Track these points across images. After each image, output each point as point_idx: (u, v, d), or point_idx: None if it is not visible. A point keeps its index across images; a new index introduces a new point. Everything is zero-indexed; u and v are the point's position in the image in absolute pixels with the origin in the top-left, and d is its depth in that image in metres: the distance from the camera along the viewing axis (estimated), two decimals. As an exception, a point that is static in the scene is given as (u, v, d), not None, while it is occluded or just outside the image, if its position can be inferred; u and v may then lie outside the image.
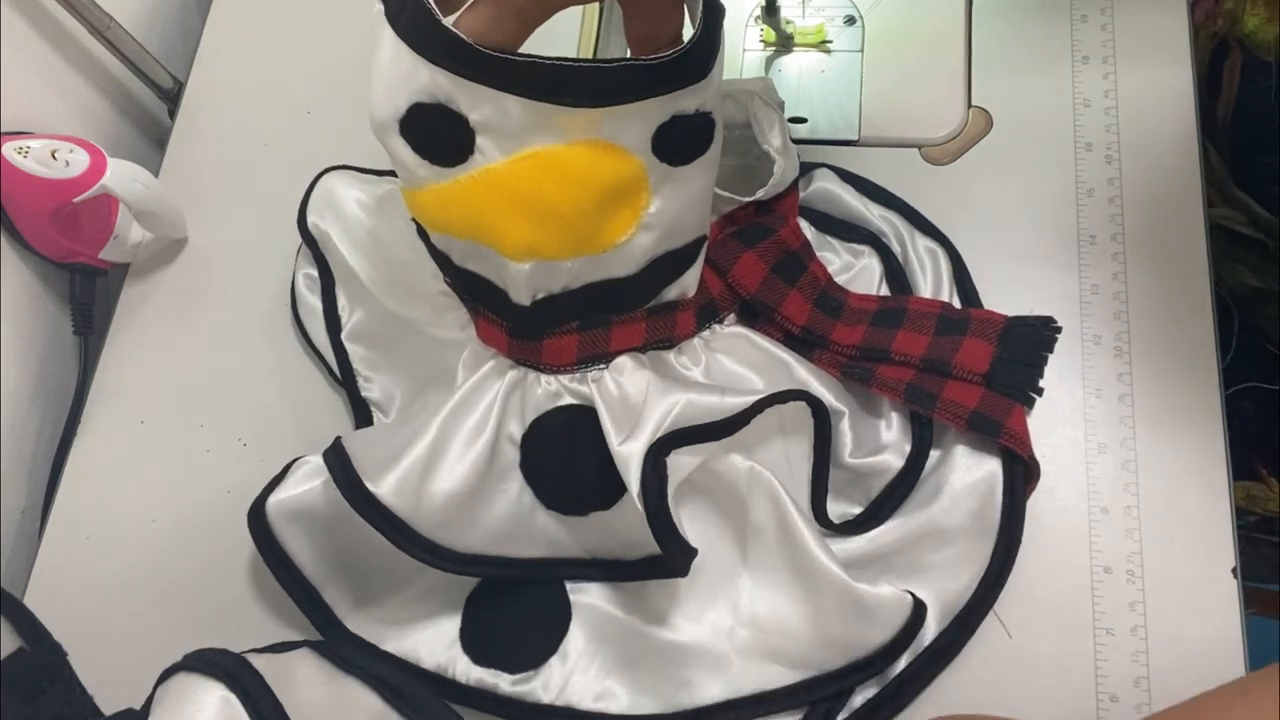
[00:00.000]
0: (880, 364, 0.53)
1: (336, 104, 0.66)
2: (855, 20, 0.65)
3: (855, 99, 0.63)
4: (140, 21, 0.72)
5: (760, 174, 0.55)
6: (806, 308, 0.54)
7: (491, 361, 0.50)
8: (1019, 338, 0.53)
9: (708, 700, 0.49)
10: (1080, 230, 0.58)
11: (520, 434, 0.50)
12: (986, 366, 0.52)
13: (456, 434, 0.49)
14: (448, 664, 0.51)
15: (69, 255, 0.62)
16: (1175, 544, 0.51)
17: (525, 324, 0.48)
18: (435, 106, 0.42)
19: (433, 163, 0.44)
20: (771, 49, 0.66)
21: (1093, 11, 0.63)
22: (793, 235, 0.55)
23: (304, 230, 0.59)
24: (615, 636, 0.52)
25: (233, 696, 0.40)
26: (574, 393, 0.50)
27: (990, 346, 0.52)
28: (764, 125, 0.55)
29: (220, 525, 0.57)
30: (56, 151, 0.58)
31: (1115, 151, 0.59)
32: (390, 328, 0.57)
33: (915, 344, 0.52)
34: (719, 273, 0.53)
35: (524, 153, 0.43)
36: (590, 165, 0.43)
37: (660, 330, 0.50)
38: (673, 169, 0.45)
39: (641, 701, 0.50)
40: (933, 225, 0.59)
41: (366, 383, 0.58)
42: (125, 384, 0.63)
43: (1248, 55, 0.68)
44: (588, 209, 0.44)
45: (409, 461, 0.48)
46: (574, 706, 0.50)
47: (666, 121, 0.43)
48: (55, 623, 0.42)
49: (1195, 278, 0.56)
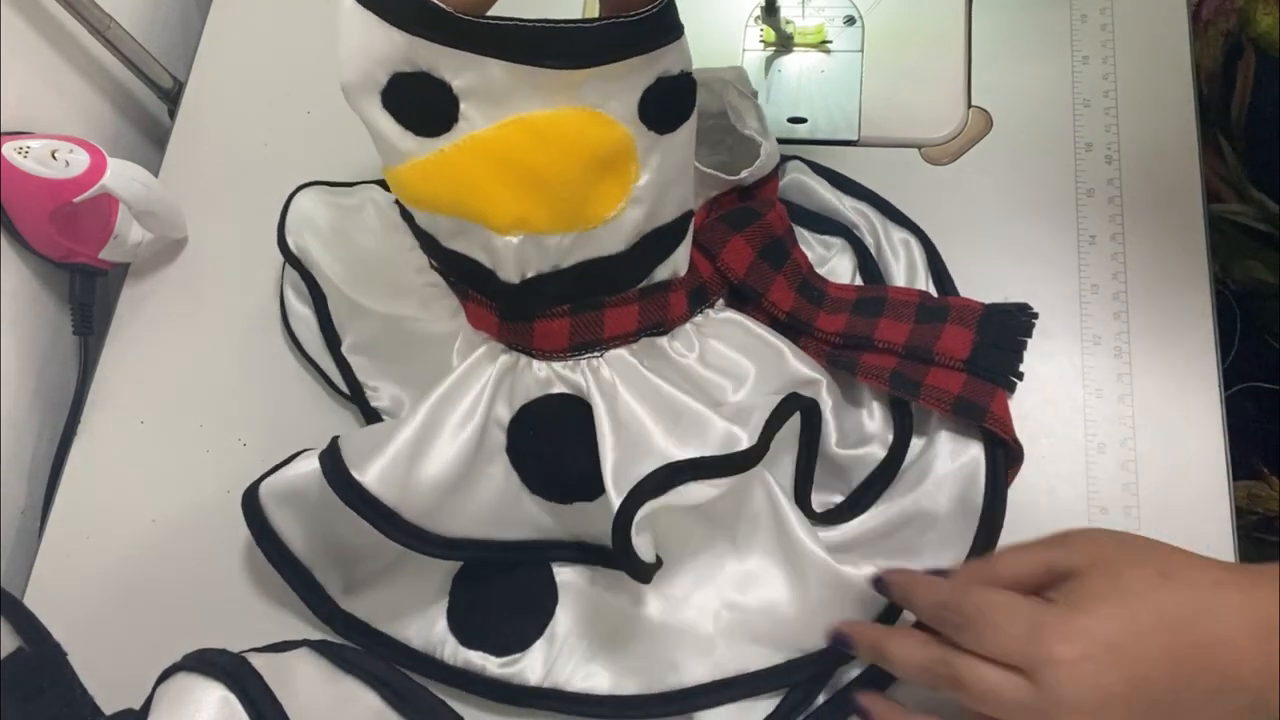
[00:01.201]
0: (864, 351, 0.53)
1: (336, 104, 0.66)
2: (855, 20, 0.65)
3: (855, 99, 0.63)
4: (140, 21, 0.72)
5: (735, 166, 0.56)
6: (791, 294, 0.54)
7: (484, 347, 0.50)
8: (997, 324, 0.53)
9: (693, 681, 0.50)
10: (1080, 230, 0.58)
11: (508, 418, 0.50)
12: (967, 353, 0.52)
13: (446, 420, 0.49)
14: (437, 645, 0.52)
15: (69, 255, 0.62)
16: (1175, 544, 0.51)
17: (515, 304, 0.48)
18: (417, 75, 0.42)
19: (417, 133, 0.44)
20: (771, 49, 0.66)
21: (1093, 11, 0.63)
22: (778, 220, 0.55)
23: (285, 251, 0.59)
24: (602, 619, 0.52)
25: (232, 696, 0.40)
26: (566, 380, 0.49)
27: (970, 333, 0.53)
28: (741, 111, 0.56)
29: (220, 525, 0.57)
30: (56, 151, 0.58)
31: (1115, 151, 0.59)
32: (387, 334, 0.57)
33: (897, 332, 0.53)
34: (708, 256, 0.53)
35: (508, 119, 0.43)
36: (577, 133, 0.43)
37: (653, 313, 0.50)
38: (660, 137, 0.45)
39: (627, 683, 0.51)
40: (905, 216, 0.59)
41: (374, 393, 0.58)
42: (125, 384, 0.63)
43: (1261, 55, 0.68)
44: (575, 178, 0.44)
45: (394, 449, 0.48)
46: (561, 688, 0.51)
47: (651, 85, 0.43)
48: (55, 623, 0.42)
49: (1195, 278, 0.56)
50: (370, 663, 0.48)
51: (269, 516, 0.51)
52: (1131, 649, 0.41)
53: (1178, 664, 0.40)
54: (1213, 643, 0.40)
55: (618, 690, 0.50)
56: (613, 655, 0.51)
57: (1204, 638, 0.40)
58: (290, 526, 0.52)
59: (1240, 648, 0.40)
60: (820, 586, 0.49)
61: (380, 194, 0.58)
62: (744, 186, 0.55)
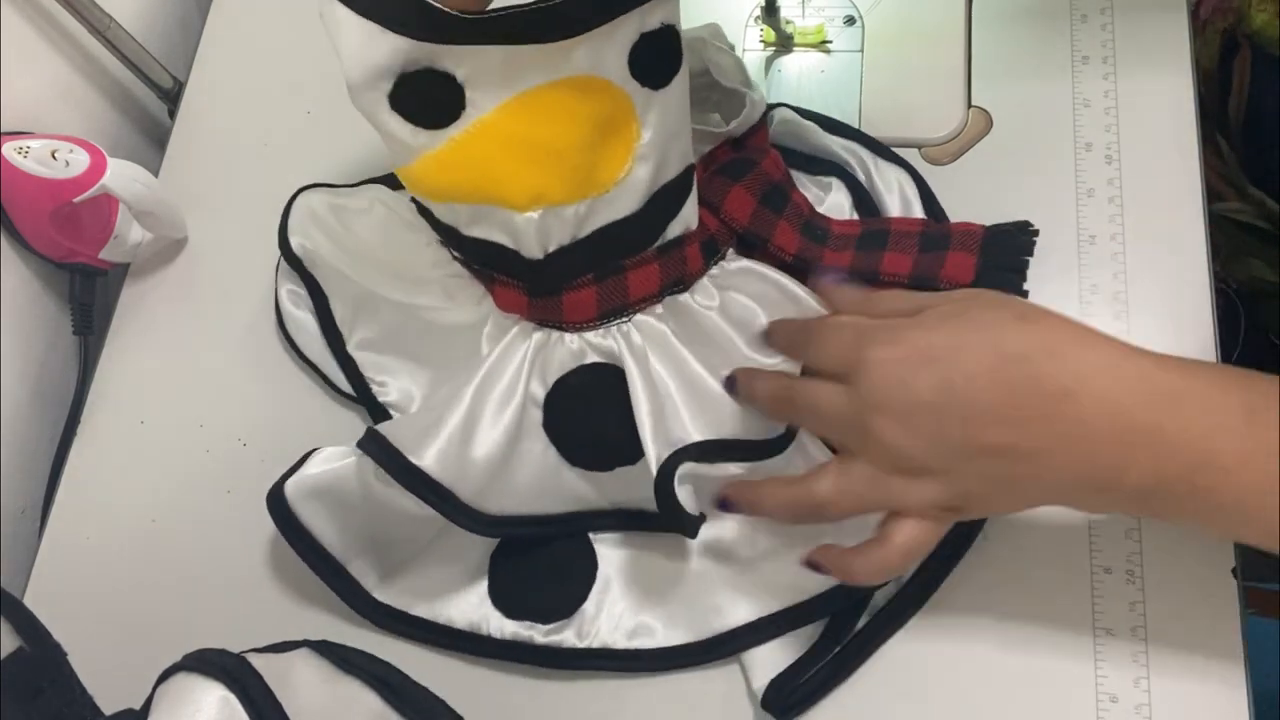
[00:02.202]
0: (871, 284, 0.53)
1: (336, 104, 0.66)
2: (855, 20, 0.65)
3: (855, 99, 0.63)
4: (140, 21, 0.72)
5: (724, 121, 0.56)
6: (795, 236, 0.55)
7: (515, 329, 0.51)
8: (999, 245, 0.54)
9: (738, 622, 0.51)
10: (1080, 230, 0.58)
11: (543, 394, 0.51)
12: (972, 276, 0.52)
13: (487, 401, 0.50)
14: (480, 622, 0.52)
15: (69, 255, 0.62)
16: (1175, 544, 0.51)
17: (542, 280, 0.49)
18: (421, 72, 0.44)
19: (427, 128, 0.45)
20: (771, 49, 0.66)
21: (1092, 11, 0.63)
22: (774, 166, 0.56)
23: (286, 251, 0.59)
24: (641, 574, 0.53)
25: (232, 696, 0.40)
26: (599, 349, 0.51)
27: (973, 258, 0.53)
28: (722, 66, 0.56)
29: (220, 525, 0.57)
30: (56, 151, 0.58)
31: (1115, 151, 0.59)
32: (404, 327, 0.57)
33: (901, 263, 0.53)
34: (712, 210, 0.54)
35: (512, 98, 0.44)
36: (577, 99, 0.45)
37: (673, 269, 0.51)
38: (654, 92, 0.46)
39: (674, 634, 0.52)
40: (895, 153, 0.60)
41: (381, 388, 0.58)
42: (125, 384, 0.63)
43: (1257, 51, 0.68)
44: (581, 143, 0.45)
45: (448, 432, 0.49)
46: (609, 647, 0.52)
47: (637, 41, 0.44)
48: (55, 623, 0.42)
49: (1195, 277, 0.56)
50: (370, 663, 0.47)
51: (297, 513, 0.51)
52: (950, 359, 0.40)
53: (1011, 392, 0.39)
54: (1056, 389, 0.39)
55: (666, 643, 0.51)
56: (657, 609, 0.52)
57: (1046, 379, 0.39)
58: (320, 522, 0.52)
59: (1088, 407, 0.38)
60: None
61: (387, 194, 0.59)
62: (735, 138, 0.56)
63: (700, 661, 0.51)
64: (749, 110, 0.55)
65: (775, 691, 0.49)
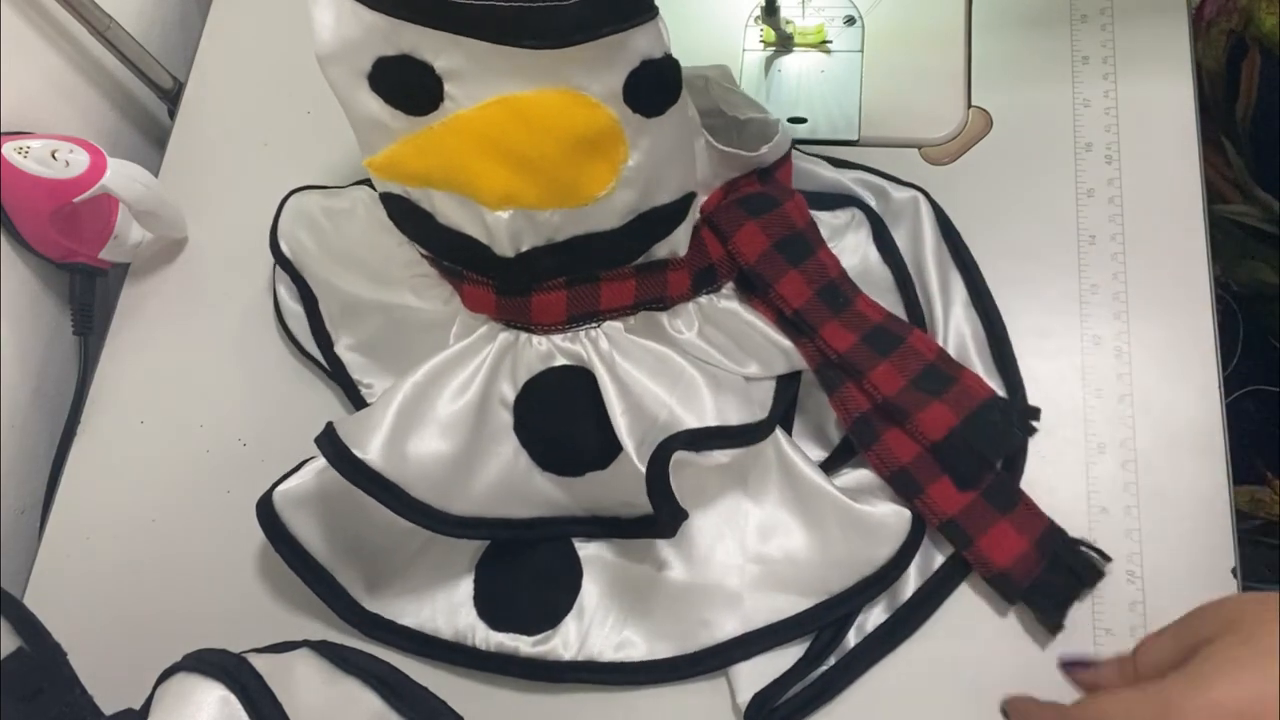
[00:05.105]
0: (851, 381, 0.53)
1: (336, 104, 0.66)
2: (855, 20, 0.65)
3: (855, 99, 0.63)
4: (140, 21, 0.72)
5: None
6: (806, 293, 0.54)
7: (483, 328, 0.51)
8: (984, 424, 0.51)
9: (726, 636, 0.51)
10: (1080, 230, 0.58)
11: (513, 396, 0.51)
12: (940, 437, 0.51)
13: (440, 394, 0.49)
14: (466, 632, 0.52)
15: (69, 255, 0.62)
16: (1175, 544, 0.51)
17: (511, 279, 0.49)
18: (400, 58, 0.44)
19: (406, 112, 0.45)
20: (771, 49, 0.66)
21: (1092, 12, 0.63)
22: (797, 211, 0.55)
23: (277, 254, 0.60)
24: (628, 586, 0.52)
25: (232, 696, 0.40)
26: (566, 352, 0.50)
27: (955, 420, 0.51)
28: (735, 103, 0.56)
29: (220, 525, 0.57)
30: (56, 151, 0.58)
31: (1115, 151, 0.59)
32: (384, 328, 0.57)
33: (890, 383, 0.52)
34: (721, 238, 0.53)
35: (492, 99, 0.44)
36: (559, 114, 0.44)
37: (651, 288, 0.51)
38: (647, 120, 0.45)
39: (661, 646, 0.51)
40: (908, 183, 0.59)
41: (368, 390, 0.58)
42: (125, 384, 0.63)
43: (1265, 55, 0.68)
44: (558, 158, 0.45)
45: (388, 423, 0.48)
46: (596, 659, 0.51)
47: (636, 68, 0.44)
48: (55, 623, 0.42)
49: (1195, 277, 0.56)
50: (370, 663, 0.47)
51: (285, 522, 0.51)
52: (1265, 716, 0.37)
53: None
54: None
55: (652, 656, 0.51)
56: (644, 621, 0.52)
57: None
58: (308, 531, 0.52)
59: None
60: (839, 526, 0.50)
61: (369, 194, 0.59)
62: (762, 169, 0.55)
63: (687, 675, 0.51)
64: (780, 137, 0.54)
65: (757, 707, 0.49)
